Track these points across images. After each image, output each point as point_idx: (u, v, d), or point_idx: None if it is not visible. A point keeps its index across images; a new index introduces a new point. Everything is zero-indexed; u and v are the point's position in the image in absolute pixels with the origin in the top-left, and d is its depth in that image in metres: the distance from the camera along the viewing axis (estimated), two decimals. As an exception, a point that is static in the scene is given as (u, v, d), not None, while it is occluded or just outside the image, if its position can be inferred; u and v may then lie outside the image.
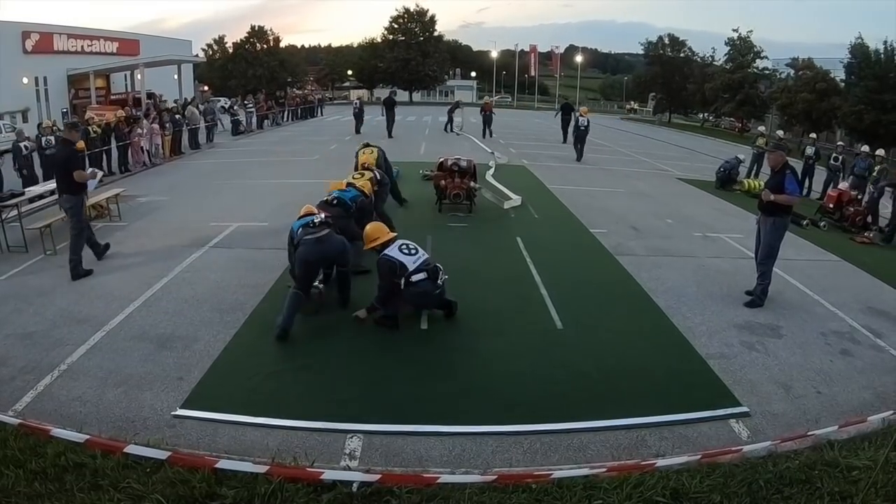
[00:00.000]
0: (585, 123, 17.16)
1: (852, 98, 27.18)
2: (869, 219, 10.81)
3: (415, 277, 5.24)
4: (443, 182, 9.70)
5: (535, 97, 59.80)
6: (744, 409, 4.28)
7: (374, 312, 5.34)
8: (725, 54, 39.05)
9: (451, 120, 23.34)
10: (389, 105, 21.35)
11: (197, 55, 42.96)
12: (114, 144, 13.97)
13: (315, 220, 5.56)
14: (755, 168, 15.56)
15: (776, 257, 6.42)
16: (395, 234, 5.71)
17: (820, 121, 29.22)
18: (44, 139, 11.43)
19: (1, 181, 10.77)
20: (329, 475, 3.22)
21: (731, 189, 13.74)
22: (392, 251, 5.35)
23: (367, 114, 24.79)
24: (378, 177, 7.97)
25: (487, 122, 21.95)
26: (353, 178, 7.63)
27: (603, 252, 8.03)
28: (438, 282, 5.35)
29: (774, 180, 6.27)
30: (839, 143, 16.72)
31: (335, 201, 6.62)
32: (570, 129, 19.10)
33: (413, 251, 5.39)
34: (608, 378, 4.65)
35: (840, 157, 13.81)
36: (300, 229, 5.54)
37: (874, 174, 11.70)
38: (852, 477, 3.34)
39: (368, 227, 5.70)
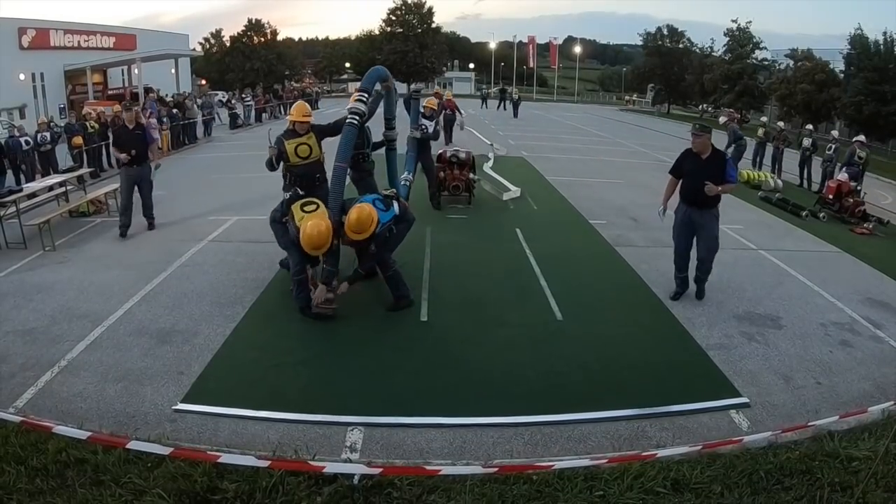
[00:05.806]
0: (515, 97, 31.01)
1: (851, 89, 27.11)
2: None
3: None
4: (441, 174, 9.67)
5: (534, 88, 59.59)
6: (744, 399, 4.28)
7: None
8: (724, 45, 38.94)
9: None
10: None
11: (194, 49, 42.69)
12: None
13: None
14: (758, 159, 15.54)
15: None
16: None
17: (819, 112, 29.15)
18: (39, 136, 11.37)
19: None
20: (330, 468, 3.22)
21: None
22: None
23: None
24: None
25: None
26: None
27: (603, 243, 8.02)
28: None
29: None
30: (833, 132, 16.66)
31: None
32: (508, 103, 31.88)
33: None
34: (608, 369, 4.66)
35: (834, 147, 13.77)
36: None
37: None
38: (852, 468, 3.36)
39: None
